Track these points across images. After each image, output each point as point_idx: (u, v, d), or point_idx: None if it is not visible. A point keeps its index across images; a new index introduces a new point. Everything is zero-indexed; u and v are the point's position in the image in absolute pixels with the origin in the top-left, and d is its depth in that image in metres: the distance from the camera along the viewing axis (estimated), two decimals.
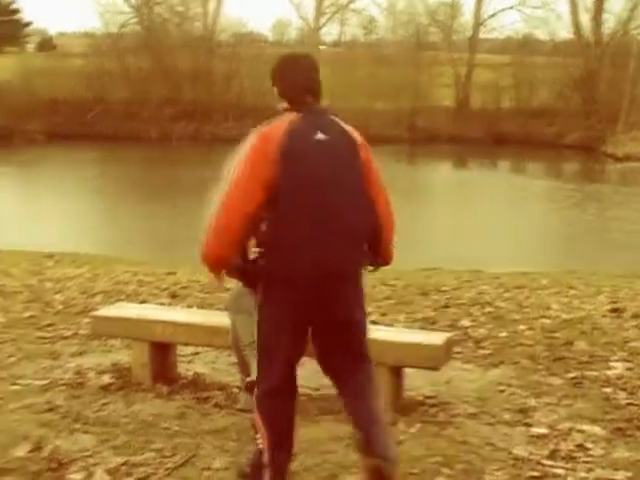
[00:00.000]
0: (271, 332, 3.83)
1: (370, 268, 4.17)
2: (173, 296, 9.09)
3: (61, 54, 56.70)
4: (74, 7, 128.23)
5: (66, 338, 7.02)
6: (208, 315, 5.99)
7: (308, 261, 3.73)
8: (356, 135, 3.94)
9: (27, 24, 75.26)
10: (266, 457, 3.85)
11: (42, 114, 44.76)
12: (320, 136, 3.79)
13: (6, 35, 71.10)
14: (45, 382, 5.69)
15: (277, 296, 3.79)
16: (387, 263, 4.22)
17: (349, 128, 3.94)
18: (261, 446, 3.89)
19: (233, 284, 4.73)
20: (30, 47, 72.65)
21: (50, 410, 5.10)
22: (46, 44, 72.35)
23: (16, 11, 72.45)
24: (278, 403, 3.87)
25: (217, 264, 3.86)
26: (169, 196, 26.71)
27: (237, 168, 3.72)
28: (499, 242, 19.57)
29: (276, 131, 3.75)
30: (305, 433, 4.69)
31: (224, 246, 3.76)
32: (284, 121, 3.80)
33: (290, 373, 3.91)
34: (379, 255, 4.12)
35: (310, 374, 4.81)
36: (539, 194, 29.64)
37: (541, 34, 58.02)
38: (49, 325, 7.46)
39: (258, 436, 3.91)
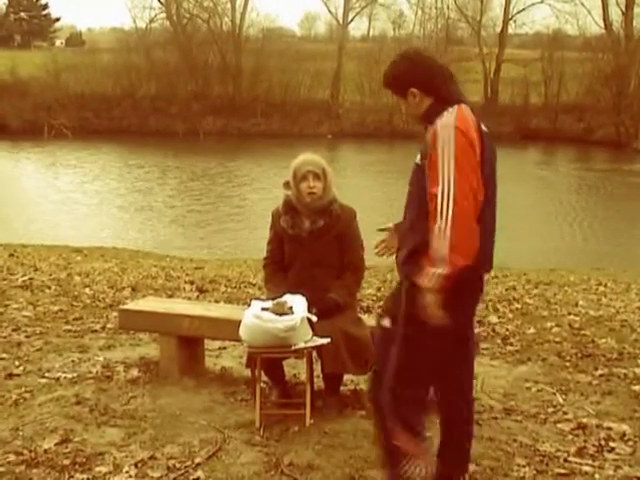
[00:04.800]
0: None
1: None
2: (200, 290, 9.12)
3: (89, 49, 57.18)
4: (103, 3, 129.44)
5: (94, 332, 7.06)
6: (235, 310, 5.99)
7: (484, 259, 3.52)
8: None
9: (56, 19, 75.93)
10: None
11: (70, 109, 45.11)
12: (484, 128, 3.52)
13: (35, 30, 71.86)
14: (73, 375, 5.72)
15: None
16: None
17: None
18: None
19: None
20: (59, 42, 73.35)
21: (78, 403, 5.13)
22: (75, 39, 73.04)
23: (45, 6, 73.13)
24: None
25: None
26: None
27: (451, 160, 3.32)
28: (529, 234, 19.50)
29: (467, 122, 3.42)
30: (332, 428, 4.70)
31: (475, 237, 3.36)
32: (464, 112, 3.47)
33: None
34: None
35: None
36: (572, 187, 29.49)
37: (571, 29, 57.52)
38: (77, 319, 7.50)
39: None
